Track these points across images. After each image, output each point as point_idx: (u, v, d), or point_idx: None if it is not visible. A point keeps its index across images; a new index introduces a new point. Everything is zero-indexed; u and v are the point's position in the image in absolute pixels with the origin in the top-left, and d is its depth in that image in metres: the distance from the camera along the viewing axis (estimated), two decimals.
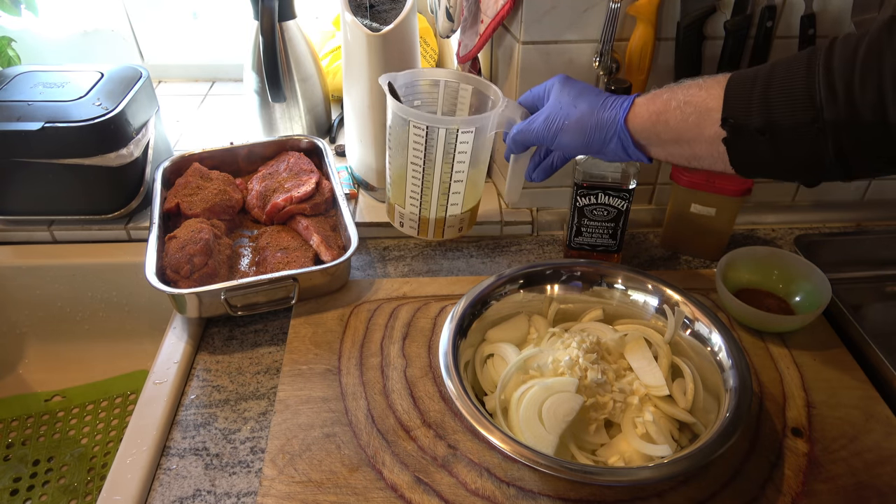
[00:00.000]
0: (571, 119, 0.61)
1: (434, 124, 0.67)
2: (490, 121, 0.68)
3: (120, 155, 0.85)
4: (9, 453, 0.89)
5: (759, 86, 0.50)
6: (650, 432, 0.58)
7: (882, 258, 0.87)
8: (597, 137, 0.60)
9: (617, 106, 0.59)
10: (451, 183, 0.72)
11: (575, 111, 0.61)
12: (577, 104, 0.61)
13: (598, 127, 0.59)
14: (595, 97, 0.61)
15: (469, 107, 0.76)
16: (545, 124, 0.62)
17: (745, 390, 0.57)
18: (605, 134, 0.59)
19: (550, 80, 0.65)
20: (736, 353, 0.60)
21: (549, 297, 0.71)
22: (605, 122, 0.59)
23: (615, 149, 0.60)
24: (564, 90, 0.62)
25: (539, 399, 0.58)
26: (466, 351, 0.66)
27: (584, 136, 0.60)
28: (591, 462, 0.58)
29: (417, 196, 0.74)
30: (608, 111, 0.59)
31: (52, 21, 1.21)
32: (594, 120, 0.59)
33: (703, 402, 0.61)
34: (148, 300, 0.93)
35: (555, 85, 0.63)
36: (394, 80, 0.71)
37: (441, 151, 0.69)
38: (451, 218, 0.76)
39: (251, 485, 0.59)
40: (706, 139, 0.53)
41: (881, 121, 0.44)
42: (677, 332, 0.66)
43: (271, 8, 0.91)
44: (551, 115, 0.62)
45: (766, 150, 0.50)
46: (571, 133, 0.61)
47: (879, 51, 0.44)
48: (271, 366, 0.71)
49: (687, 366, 0.64)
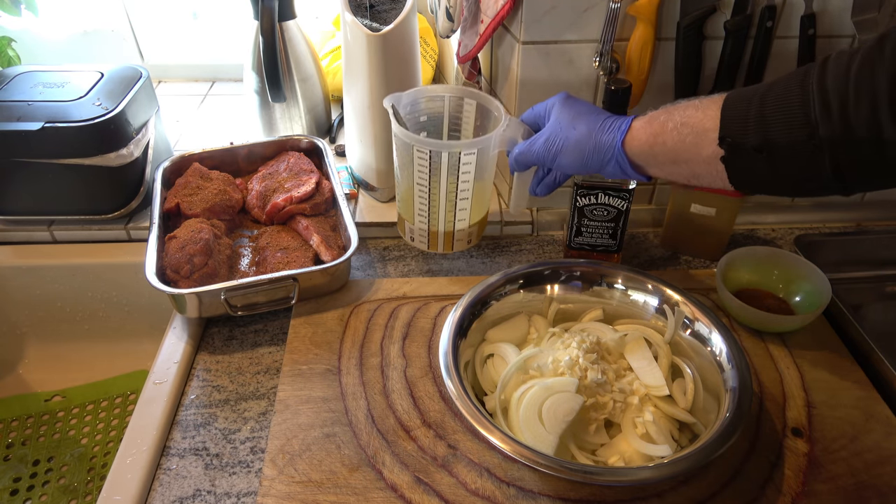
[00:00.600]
0: (570, 141, 0.62)
1: (437, 149, 0.69)
2: (492, 141, 0.69)
3: (120, 155, 0.85)
4: (9, 453, 0.89)
5: (755, 104, 0.51)
6: (650, 432, 0.58)
7: (882, 258, 0.87)
8: (595, 160, 0.61)
9: (615, 129, 0.60)
10: (456, 200, 0.73)
11: (574, 133, 0.62)
12: (575, 126, 0.62)
13: (597, 150, 0.61)
14: (594, 119, 0.61)
15: (474, 120, 0.77)
16: (545, 146, 0.64)
17: (745, 390, 0.57)
18: (603, 157, 0.61)
19: (552, 98, 0.66)
20: (736, 353, 0.60)
21: (549, 297, 0.71)
22: (603, 146, 0.60)
23: (613, 170, 0.61)
24: (564, 111, 0.63)
25: (539, 399, 0.58)
26: (466, 351, 0.66)
27: (583, 158, 0.62)
28: (591, 462, 0.58)
29: (425, 212, 0.75)
30: (606, 134, 0.60)
31: (52, 21, 1.21)
32: (592, 143, 0.61)
33: (703, 402, 0.61)
34: (148, 300, 0.93)
35: (555, 104, 0.65)
36: (398, 101, 0.72)
37: (445, 172, 0.70)
38: (459, 232, 0.78)
39: (251, 485, 0.59)
40: (704, 158, 0.54)
41: (876, 136, 0.45)
42: (677, 332, 0.66)
43: (271, 8, 0.91)
44: (551, 136, 0.63)
45: (764, 167, 0.51)
46: (570, 155, 0.62)
47: (872, 67, 0.45)
48: (271, 366, 0.71)
49: (687, 366, 0.64)
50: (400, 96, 0.73)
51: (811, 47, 0.75)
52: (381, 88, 0.82)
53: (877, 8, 0.69)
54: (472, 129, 0.79)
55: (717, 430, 0.54)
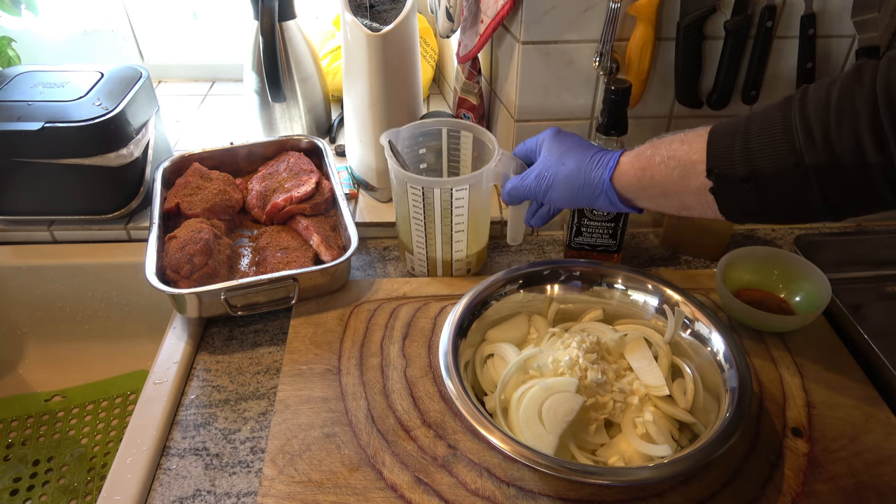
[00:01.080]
0: (560, 177, 0.63)
1: (428, 185, 0.70)
2: (483, 177, 0.71)
3: (120, 155, 0.85)
4: (9, 453, 0.89)
5: (739, 137, 0.51)
6: (650, 432, 0.58)
7: (882, 258, 0.87)
8: (585, 194, 0.62)
9: (603, 165, 0.60)
10: (452, 234, 0.74)
11: (563, 169, 0.63)
12: (564, 161, 0.63)
13: (586, 185, 0.61)
14: (582, 154, 0.62)
15: (471, 152, 0.79)
16: (536, 181, 0.65)
17: (746, 390, 0.57)
18: (593, 192, 0.61)
19: (543, 132, 0.67)
20: (736, 353, 0.60)
21: (549, 297, 0.71)
22: (592, 182, 0.61)
23: (603, 204, 0.62)
24: (554, 146, 0.64)
25: (539, 399, 0.58)
26: (466, 351, 0.66)
27: (573, 192, 0.62)
28: (591, 462, 0.58)
29: (423, 244, 0.77)
30: (595, 170, 0.61)
31: (52, 21, 1.21)
32: (581, 178, 0.61)
33: (703, 403, 0.61)
34: (148, 300, 0.93)
35: (546, 139, 0.65)
36: (395, 137, 0.74)
37: (439, 206, 0.72)
38: (457, 262, 0.79)
39: (251, 485, 0.59)
40: (693, 190, 0.55)
41: (861, 161, 0.45)
42: (677, 333, 0.66)
43: (271, 8, 0.91)
44: (542, 171, 0.64)
45: (753, 197, 0.51)
46: (561, 190, 0.63)
47: (852, 93, 0.46)
48: (271, 366, 0.71)
49: (687, 366, 0.64)
50: (398, 132, 0.75)
51: (811, 47, 0.75)
52: (381, 88, 0.82)
53: (877, 8, 0.69)
54: (469, 162, 0.80)
55: (717, 430, 0.54)
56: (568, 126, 0.81)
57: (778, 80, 0.78)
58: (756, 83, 0.77)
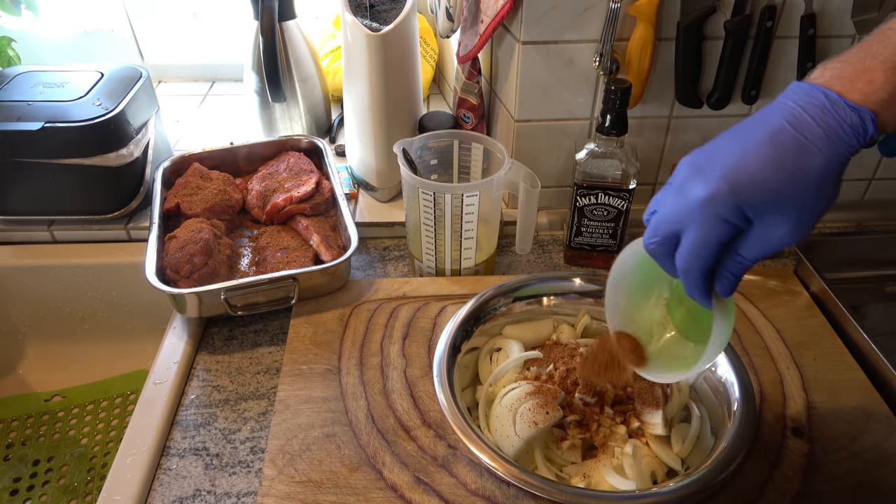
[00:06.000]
0: (755, 142, 0.41)
1: (440, 191, 0.70)
2: (494, 184, 0.71)
3: (120, 155, 0.85)
4: (9, 453, 0.89)
5: None
6: (624, 465, 0.55)
7: (882, 258, 0.87)
8: (797, 162, 0.39)
9: (836, 107, 0.39)
10: (461, 240, 0.75)
11: (749, 140, 0.41)
12: (739, 136, 0.42)
13: (809, 141, 0.39)
14: (760, 120, 0.42)
15: (482, 163, 0.79)
16: (693, 170, 0.43)
17: (749, 399, 0.56)
18: (835, 140, 0.39)
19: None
20: (739, 370, 0.58)
21: (583, 310, 0.69)
22: (834, 124, 0.39)
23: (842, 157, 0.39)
24: (699, 153, 0.44)
25: (518, 400, 0.58)
26: (479, 339, 0.65)
27: (782, 164, 0.40)
28: (553, 476, 0.56)
29: (432, 251, 0.77)
30: (818, 113, 0.39)
31: (52, 21, 1.21)
32: (790, 136, 0.39)
33: (703, 444, 0.58)
34: (148, 300, 0.93)
35: (679, 168, 0.45)
36: (409, 146, 0.74)
37: (449, 212, 0.72)
38: (465, 270, 0.79)
39: (251, 485, 0.59)
40: None
41: None
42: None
43: (271, 8, 0.91)
44: (700, 157, 0.43)
45: None
46: (757, 170, 0.40)
47: None
48: (271, 366, 0.71)
49: (697, 409, 0.60)
50: (411, 141, 0.75)
51: (811, 47, 0.75)
52: (381, 88, 0.82)
53: (877, 8, 0.69)
54: (479, 172, 0.80)
55: (719, 456, 0.52)
56: (568, 126, 0.82)
57: (778, 80, 0.78)
58: (756, 83, 0.77)
